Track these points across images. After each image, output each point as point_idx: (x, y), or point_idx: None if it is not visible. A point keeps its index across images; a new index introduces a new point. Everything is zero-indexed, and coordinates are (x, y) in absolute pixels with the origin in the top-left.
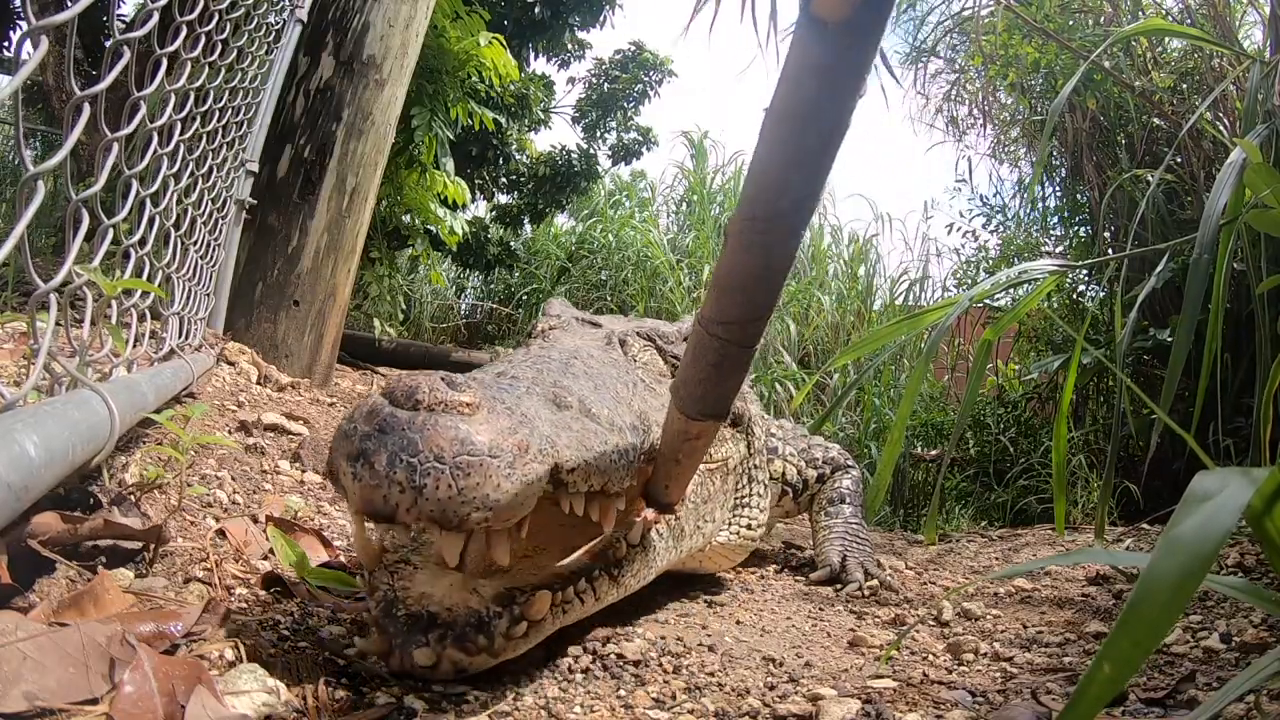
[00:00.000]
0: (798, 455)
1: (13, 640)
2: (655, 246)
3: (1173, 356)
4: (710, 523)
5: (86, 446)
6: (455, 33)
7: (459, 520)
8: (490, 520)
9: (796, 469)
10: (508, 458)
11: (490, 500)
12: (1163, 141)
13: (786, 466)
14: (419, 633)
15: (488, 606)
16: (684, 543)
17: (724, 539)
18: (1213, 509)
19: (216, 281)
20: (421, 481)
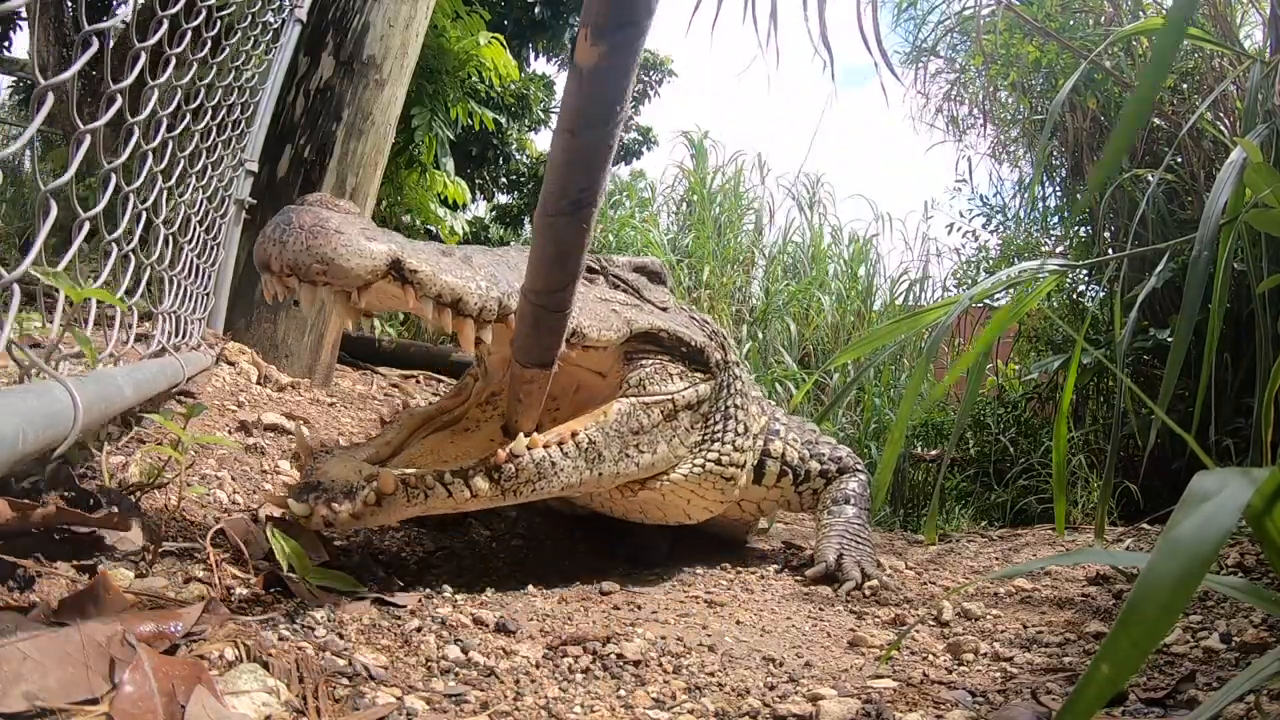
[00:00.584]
0: (800, 443)
1: (13, 640)
2: (655, 246)
3: (1171, 356)
4: (647, 453)
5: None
6: (455, 33)
7: (304, 269)
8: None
9: (798, 454)
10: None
11: (328, 258)
12: (1163, 141)
13: (787, 449)
14: (307, 493)
15: (358, 481)
16: (604, 466)
17: (686, 471)
18: (1212, 509)
19: (216, 281)
20: (285, 239)
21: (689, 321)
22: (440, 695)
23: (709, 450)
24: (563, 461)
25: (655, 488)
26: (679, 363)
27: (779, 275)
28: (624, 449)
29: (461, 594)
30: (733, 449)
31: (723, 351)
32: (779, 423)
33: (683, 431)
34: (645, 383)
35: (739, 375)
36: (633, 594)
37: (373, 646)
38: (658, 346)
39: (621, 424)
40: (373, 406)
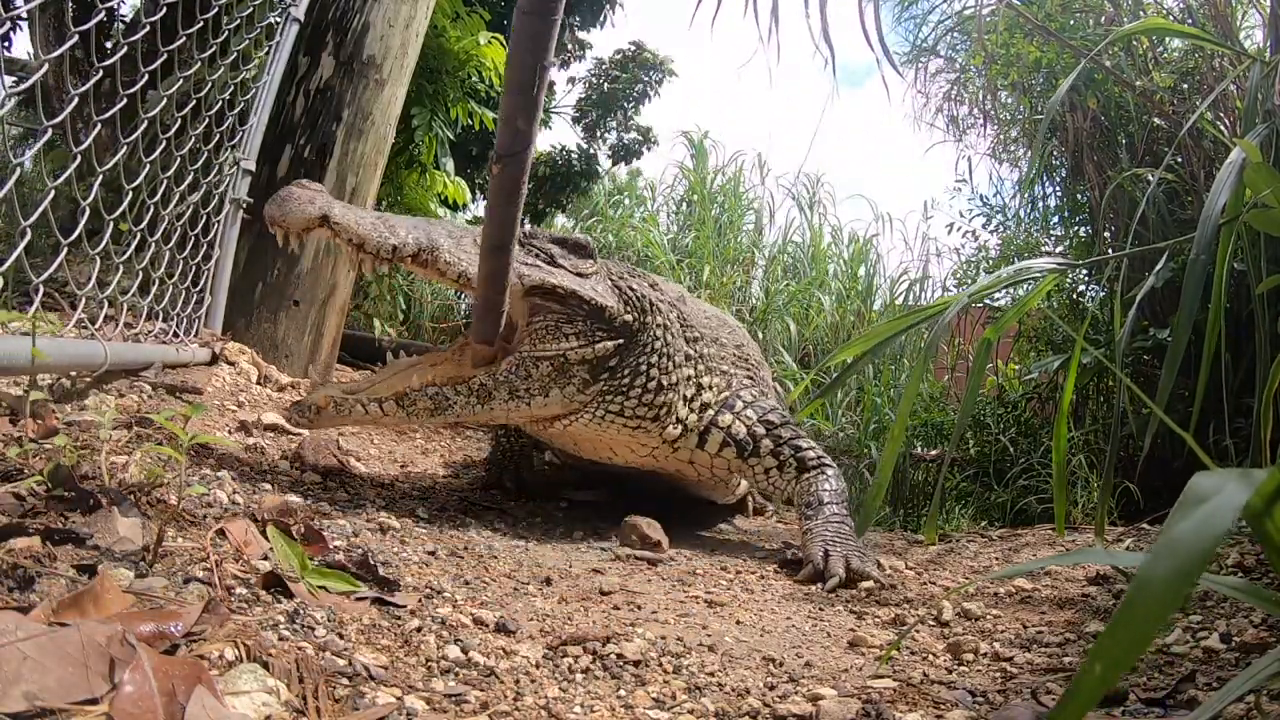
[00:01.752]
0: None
1: (13, 640)
2: (655, 246)
3: (1169, 356)
4: (539, 397)
5: None
6: (455, 33)
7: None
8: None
9: (746, 430)
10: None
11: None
12: (1163, 141)
13: (735, 422)
14: (293, 409)
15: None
16: (494, 405)
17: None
18: (1210, 510)
19: (212, 280)
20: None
21: (607, 288)
22: (440, 695)
23: (612, 402)
24: (455, 398)
25: (565, 427)
26: (579, 322)
27: (779, 275)
28: (512, 393)
29: (461, 594)
30: (638, 403)
31: (638, 315)
32: (739, 399)
33: (579, 382)
34: (536, 340)
35: (667, 344)
36: (633, 594)
37: (373, 646)
38: (558, 303)
39: (510, 374)
40: None
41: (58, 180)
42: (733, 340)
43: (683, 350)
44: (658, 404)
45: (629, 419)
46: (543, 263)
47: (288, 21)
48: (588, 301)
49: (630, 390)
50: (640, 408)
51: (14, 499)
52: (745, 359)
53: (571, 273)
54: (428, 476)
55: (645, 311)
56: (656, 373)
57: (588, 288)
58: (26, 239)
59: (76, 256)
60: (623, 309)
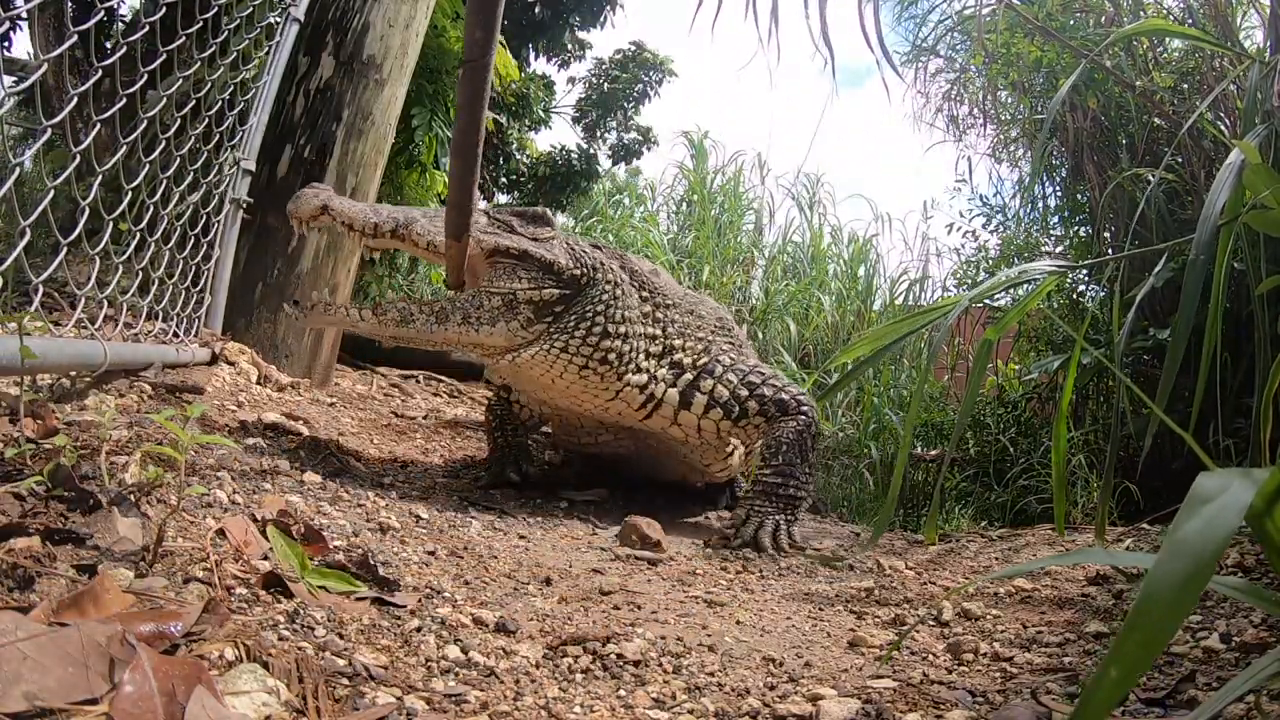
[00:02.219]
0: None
1: (13, 640)
2: (655, 246)
3: (1169, 356)
4: (486, 325)
5: None
6: (455, 33)
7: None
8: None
9: (729, 393)
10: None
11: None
12: (1163, 141)
13: (718, 386)
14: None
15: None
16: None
17: (535, 351)
18: (1215, 511)
19: (212, 280)
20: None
21: (562, 250)
22: (440, 695)
23: (555, 339)
24: (419, 315)
25: (515, 360)
26: (531, 272)
27: (779, 275)
28: (465, 318)
29: (461, 594)
30: (583, 344)
31: (587, 272)
32: (718, 364)
33: (523, 319)
34: (493, 280)
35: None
36: (633, 594)
37: (373, 646)
38: (515, 260)
39: (466, 302)
40: (373, 406)
41: (57, 180)
42: (713, 315)
43: (636, 309)
44: (604, 348)
45: (573, 357)
46: (503, 231)
47: (288, 21)
48: (538, 259)
49: (575, 332)
50: (585, 348)
51: (14, 499)
52: (728, 331)
53: (528, 238)
54: (428, 476)
55: (595, 269)
56: (603, 320)
57: (540, 249)
58: (26, 239)
59: (76, 256)
60: (572, 265)
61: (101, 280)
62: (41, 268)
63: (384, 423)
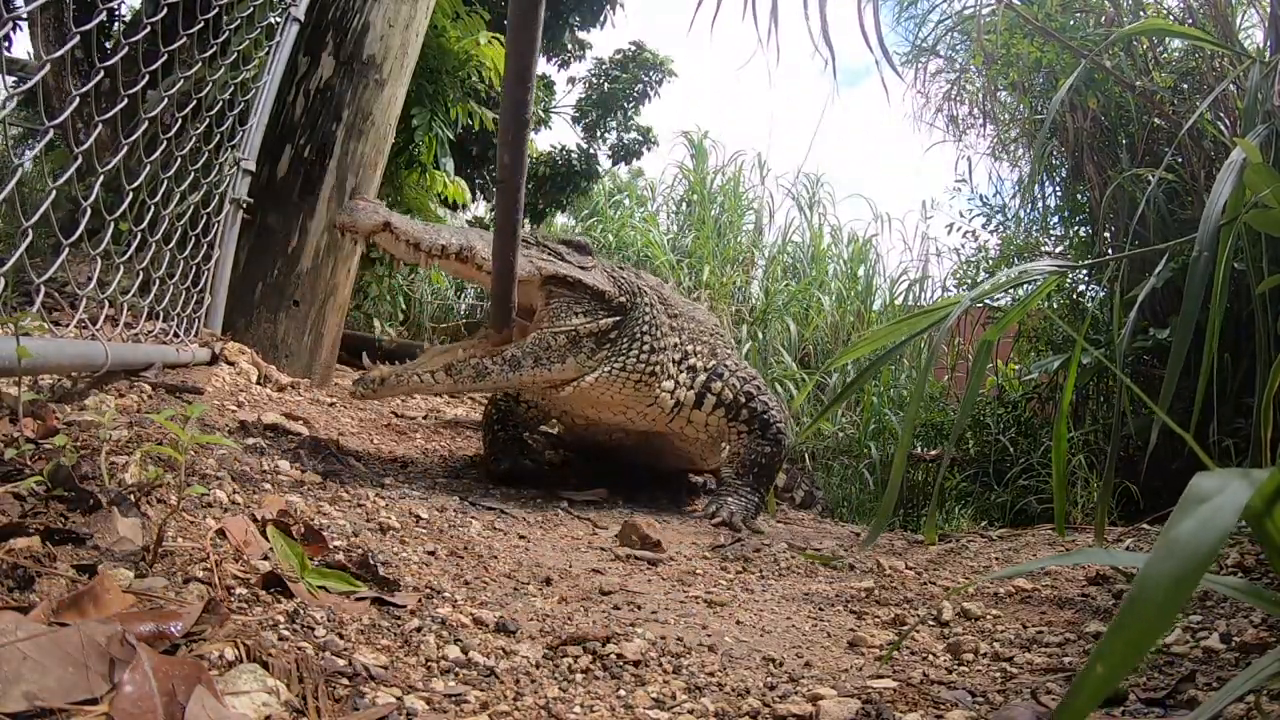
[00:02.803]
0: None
1: (13, 640)
2: (655, 246)
3: (1172, 356)
4: (557, 364)
5: None
6: (455, 33)
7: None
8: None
9: (733, 395)
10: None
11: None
12: (1163, 141)
13: (725, 389)
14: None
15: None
16: (523, 372)
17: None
18: (1211, 510)
19: (212, 280)
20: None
21: (605, 277)
22: (440, 695)
23: (614, 361)
24: (493, 368)
25: (577, 388)
26: (585, 303)
27: (779, 275)
28: (537, 362)
29: (461, 594)
30: (638, 360)
31: (630, 297)
32: (724, 368)
33: (588, 350)
34: (554, 319)
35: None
36: (633, 594)
37: (373, 646)
38: (568, 289)
39: (534, 346)
40: (373, 406)
41: (58, 180)
42: (709, 320)
43: (666, 323)
44: (652, 363)
45: (630, 374)
46: (554, 258)
47: (288, 21)
48: (590, 287)
49: (629, 354)
50: (638, 364)
51: (14, 499)
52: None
53: (577, 266)
54: (428, 476)
55: (635, 294)
56: (649, 339)
57: (590, 277)
58: (28, 239)
59: (77, 256)
60: (617, 293)
61: (102, 280)
62: (42, 268)
63: (384, 423)
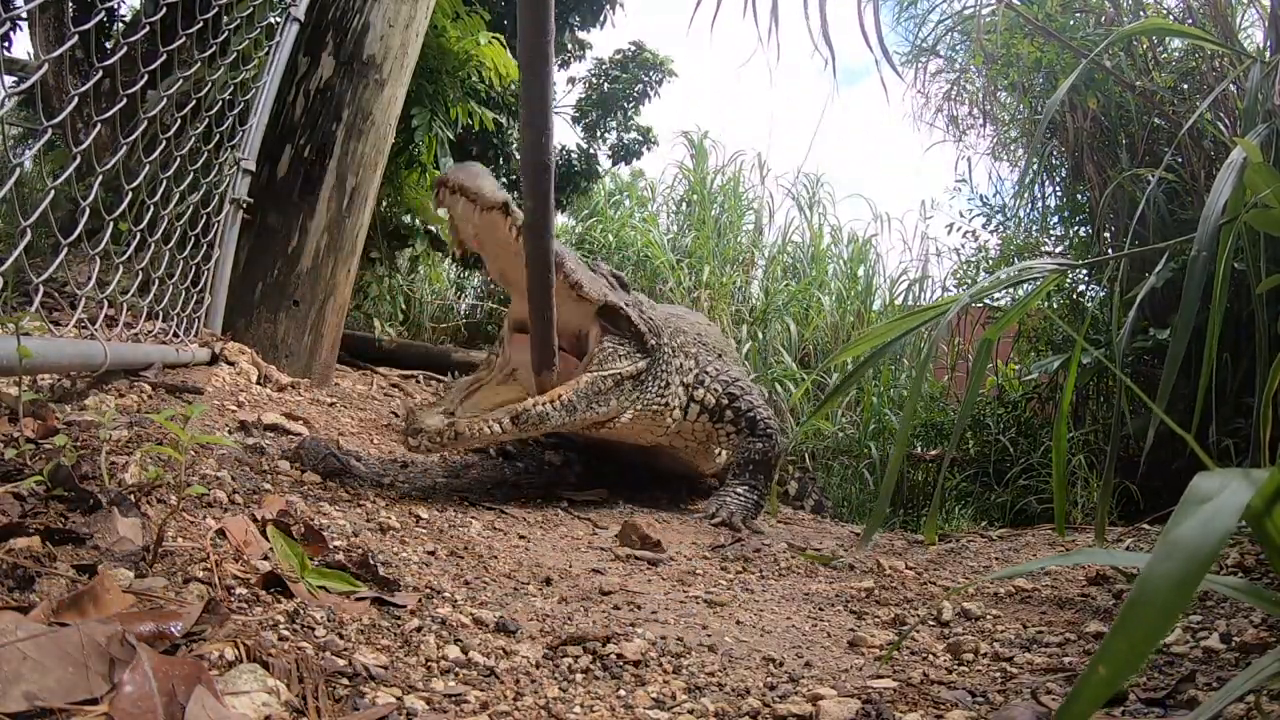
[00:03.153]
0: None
1: (13, 640)
2: (655, 246)
3: (1170, 356)
4: (603, 406)
5: None
6: (455, 33)
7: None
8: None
9: (715, 399)
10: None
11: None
12: (1164, 141)
13: (706, 395)
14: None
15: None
16: (577, 414)
17: (630, 415)
18: (1212, 511)
19: (212, 280)
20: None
21: (638, 316)
22: (440, 695)
23: (642, 400)
24: (553, 412)
25: (612, 426)
26: (627, 344)
27: (779, 275)
28: (589, 404)
29: (461, 594)
30: (657, 398)
31: (656, 338)
32: (706, 375)
33: (627, 391)
34: (604, 362)
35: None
36: (633, 594)
37: (373, 646)
38: (615, 327)
39: (587, 390)
40: (373, 406)
41: (58, 180)
42: (694, 328)
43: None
44: (667, 395)
45: (653, 411)
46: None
47: (288, 21)
48: (634, 326)
49: (651, 390)
50: (658, 400)
51: (14, 499)
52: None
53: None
54: (428, 476)
55: (659, 335)
56: (666, 376)
57: (634, 314)
58: (27, 239)
59: (76, 256)
60: (650, 336)
61: (102, 280)
62: (42, 268)
63: (384, 423)
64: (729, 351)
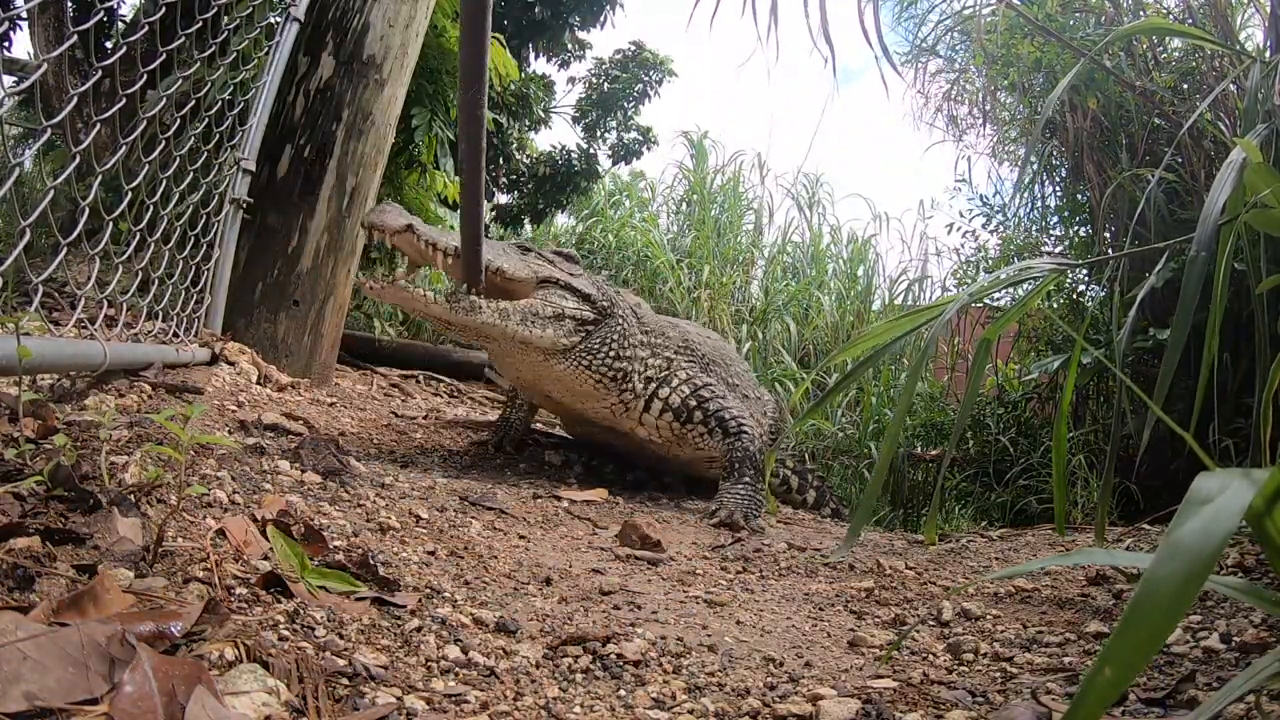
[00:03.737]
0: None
1: (13, 640)
2: (655, 246)
3: (1167, 354)
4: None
5: None
6: (455, 32)
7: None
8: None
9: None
10: (392, 214)
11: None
12: (1164, 141)
13: (672, 394)
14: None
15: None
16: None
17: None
18: (1214, 511)
19: (212, 280)
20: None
21: (589, 283)
22: (440, 695)
23: (583, 357)
24: (487, 309)
25: (552, 368)
26: (574, 298)
27: (779, 275)
28: (523, 320)
29: (461, 594)
30: (602, 363)
31: (609, 303)
32: (675, 377)
33: (567, 329)
34: (547, 296)
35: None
36: (633, 594)
37: (373, 646)
38: (559, 287)
39: (525, 308)
40: (373, 406)
41: (58, 180)
42: (679, 336)
43: (637, 337)
44: (615, 368)
45: (594, 372)
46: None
47: (288, 21)
48: (579, 290)
49: (597, 353)
50: (602, 367)
51: (14, 499)
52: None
53: (566, 273)
54: (428, 476)
55: (613, 303)
56: (617, 346)
57: (578, 282)
58: (26, 239)
59: (76, 256)
60: (600, 297)
61: (101, 280)
62: (41, 268)
63: (384, 423)
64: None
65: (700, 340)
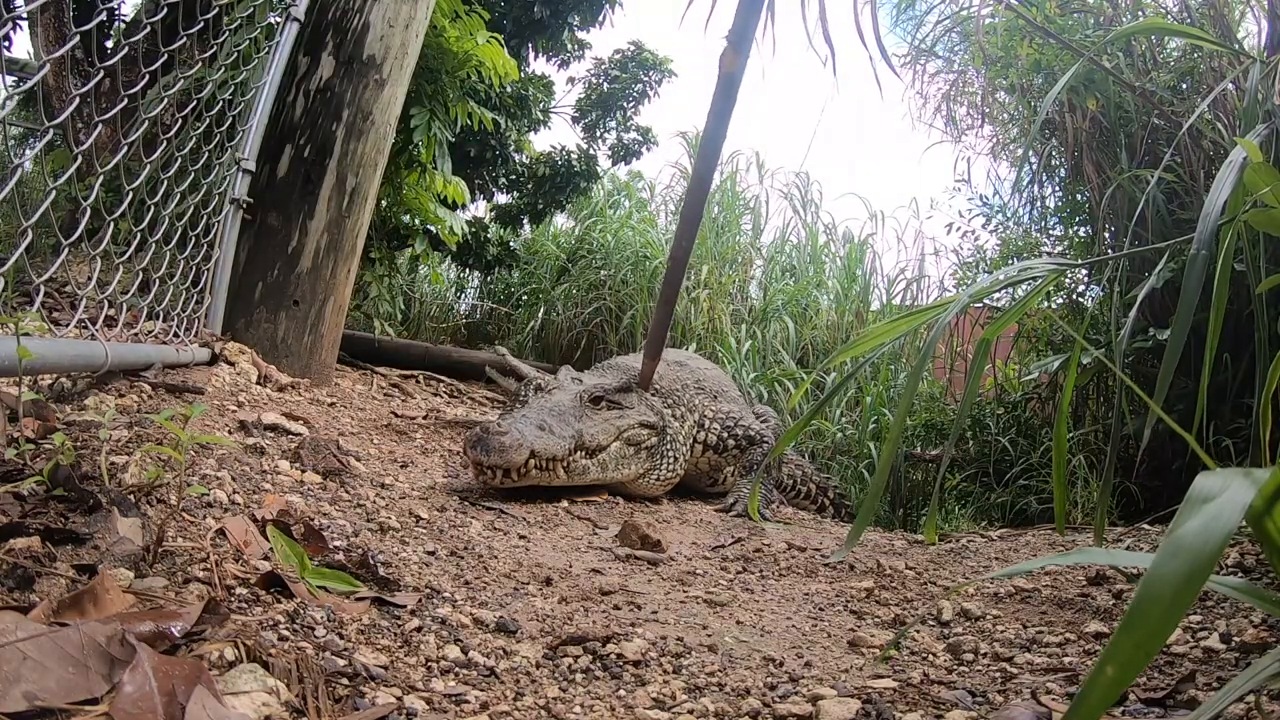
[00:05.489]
0: (720, 428)
1: (13, 640)
2: (654, 247)
3: (1167, 354)
4: (625, 469)
5: None
6: (455, 33)
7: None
8: (504, 464)
9: (716, 437)
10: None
11: (505, 460)
12: (1163, 141)
13: (708, 435)
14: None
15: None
16: (608, 471)
17: (645, 482)
18: (1215, 510)
19: (212, 280)
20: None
21: (646, 409)
22: (440, 695)
23: (654, 473)
24: (593, 468)
25: (634, 486)
26: (644, 430)
27: (777, 275)
28: (617, 464)
29: (461, 594)
30: (665, 470)
31: (663, 420)
32: (706, 418)
33: (643, 459)
34: (628, 439)
35: (676, 430)
36: (633, 594)
37: (373, 646)
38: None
39: (617, 455)
40: (373, 406)
41: (58, 180)
42: (692, 378)
43: (676, 426)
44: (675, 468)
45: (663, 479)
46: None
47: (288, 21)
48: (650, 424)
49: (662, 465)
50: (667, 469)
51: (14, 499)
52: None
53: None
54: (428, 476)
55: (664, 419)
56: (672, 450)
57: (644, 412)
58: (27, 239)
59: (77, 256)
60: (658, 420)
61: (102, 280)
62: (42, 268)
63: (384, 423)
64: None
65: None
